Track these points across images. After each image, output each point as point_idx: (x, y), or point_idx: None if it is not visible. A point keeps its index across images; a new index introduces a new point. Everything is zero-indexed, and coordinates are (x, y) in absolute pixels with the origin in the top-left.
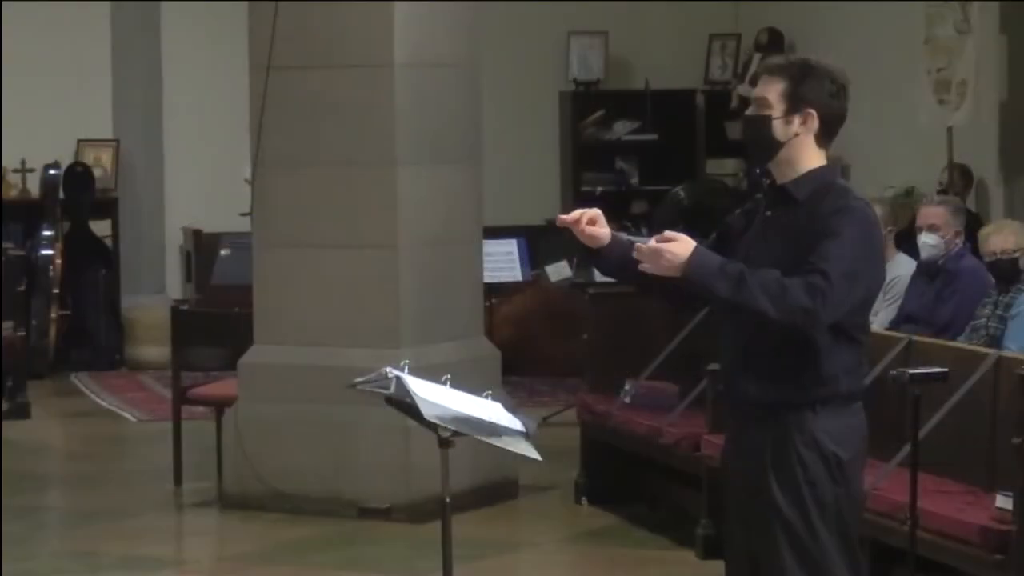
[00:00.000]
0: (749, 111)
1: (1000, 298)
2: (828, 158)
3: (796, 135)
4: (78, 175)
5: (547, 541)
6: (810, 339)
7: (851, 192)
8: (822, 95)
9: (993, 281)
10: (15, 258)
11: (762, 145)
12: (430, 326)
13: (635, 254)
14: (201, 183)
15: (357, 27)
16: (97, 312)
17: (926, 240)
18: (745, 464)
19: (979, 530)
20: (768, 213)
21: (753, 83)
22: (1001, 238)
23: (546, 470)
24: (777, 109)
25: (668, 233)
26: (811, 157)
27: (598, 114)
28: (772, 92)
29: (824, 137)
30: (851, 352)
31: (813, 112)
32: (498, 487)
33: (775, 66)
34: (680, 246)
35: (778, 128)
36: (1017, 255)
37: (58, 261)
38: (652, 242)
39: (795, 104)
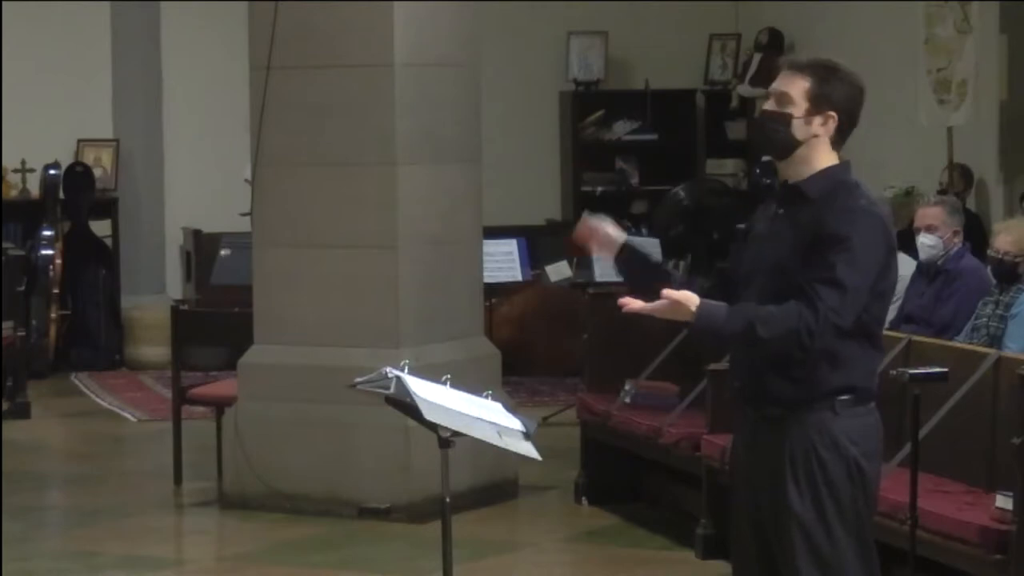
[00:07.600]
0: (768, 106)
1: (1000, 298)
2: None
3: (815, 136)
4: (78, 175)
5: (547, 541)
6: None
7: (861, 190)
8: (844, 99)
9: (993, 281)
10: (15, 258)
11: (779, 143)
12: (430, 326)
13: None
14: (201, 183)
15: (357, 27)
16: (97, 312)
17: (924, 241)
18: (760, 464)
19: (979, 530)
20: (780, 211)
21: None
22: (1007, 239)
23: (546, 470)
24: (799, 108)
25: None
26: (825, 157)
27: (598, 114)
28: (796, 89)
29: (839, 140)
30: (869, 350)
31: (834, 114)
32: (498, 487)
33: (801, 63)
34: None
35: (798, 127)
36: (1019, 260)
37: (58, 261)
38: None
39: (818, 105)
